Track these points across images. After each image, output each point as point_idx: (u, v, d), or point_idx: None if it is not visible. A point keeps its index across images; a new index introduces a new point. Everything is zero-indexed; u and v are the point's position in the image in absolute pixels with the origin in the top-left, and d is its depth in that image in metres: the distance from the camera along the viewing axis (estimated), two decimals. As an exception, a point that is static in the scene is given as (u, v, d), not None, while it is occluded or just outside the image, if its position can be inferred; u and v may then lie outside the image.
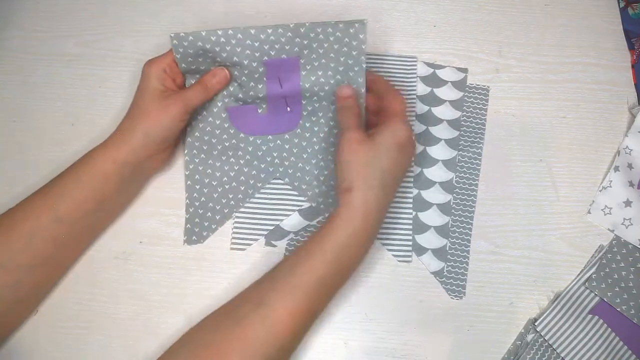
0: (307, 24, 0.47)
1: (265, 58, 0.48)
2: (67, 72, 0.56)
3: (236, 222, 0.51)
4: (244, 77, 0.49)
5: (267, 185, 0.52)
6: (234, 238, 0.50)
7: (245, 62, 0.48)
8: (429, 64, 0.57)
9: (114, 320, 0.48)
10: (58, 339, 0.47)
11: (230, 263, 0.50)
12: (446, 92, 0.56)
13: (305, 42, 0.48)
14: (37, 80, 0.56)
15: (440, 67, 0.57)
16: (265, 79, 0.49)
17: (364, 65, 0.48)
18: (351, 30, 0.47)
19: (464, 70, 0.57)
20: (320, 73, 0.50)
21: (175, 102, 0.46)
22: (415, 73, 0.56)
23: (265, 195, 0.52)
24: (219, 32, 0.46)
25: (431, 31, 0.59)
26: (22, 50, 0.57)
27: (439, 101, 0.56)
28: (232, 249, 0.50)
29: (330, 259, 0.40)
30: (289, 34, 0.47)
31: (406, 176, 0.52)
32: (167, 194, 0.52)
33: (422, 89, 0.56)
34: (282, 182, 0.52)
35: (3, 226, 0.43)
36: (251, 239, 0.50)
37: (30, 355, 0.46)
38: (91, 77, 0.56)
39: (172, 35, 0.47)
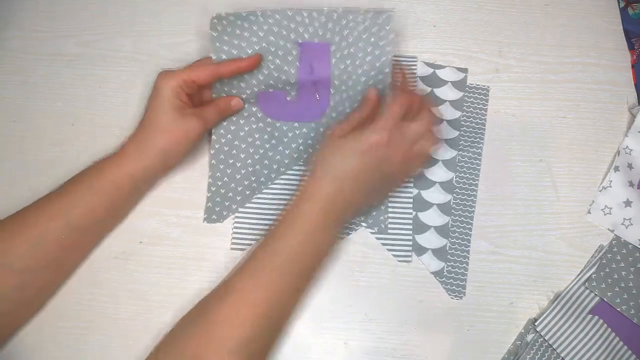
0: (340, 10, 0.50)
1: (300, 40, 0.50)
2: (67, 72, 0.56)
3: (236, 223, 0.51)
4: (277, 60, 0.51)
5: (282, 177, 0.52)
6: (234, 238, 0.50)
7: (281, 43, 0.50)
8: (428, 64, 0.57)
9: (114, 320, 0.48)
10: (58, 339, 0.47)
11: (230, 263, 0.49)
12: (446, 92, 0.56)
13: (337, 29, 0.50)
14: (37, 80, 0.56)
15: (440, 67, 0.57)
16: (297, 63, 0.51)
17: (391, 57, 0.49)
18: (379, 21, 0.49)
19: (464, 70, 0.57)
20: (349, 62, 0.51)
21: (195, 120, 0.46)
22: (415, 73, 0.56)
23: (265, 195, 0.52)
24: (258, 13, 0.50)
25: (431, 31, 0.59)
26: (22, 50, 0.57)
27: (439, 101, 0.56)
28: (232, 249, 0.50)
29: (292, 242, 0.42)
30: (323, 18, 0.50)
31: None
32: (167, 194, 0.52)
33: (422, 89, 0.56)
34: (282, 182, 0.52)
35: (15, 226, 0.43)
36: (251, 239, 0.50)
37: (30, 355, 0.46)
38: (91, 77, 0.56)
39: (214, 15, 0.49)
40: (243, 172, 0.52)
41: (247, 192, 0.51)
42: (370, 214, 0.51)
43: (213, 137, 0.52)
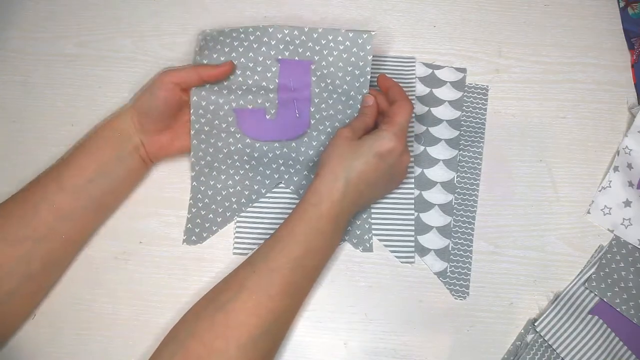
0: (320, 30, 0.51)
1: (280, 57, 0.50)
2: (67, 72, 0.56)
3: (238, 228, 0.51)
4: (256, 76, 0.51)
5: (270, 192, 0.52)
6: (236, 243, 0.50)
7: (261, 59, 0.51)
8: (427, 65, 0.57)
9: (114, 320, 0.48)
10: (58, 340, 0.47)
11: (230, 263, 0.50)
12: (445, 93, 0.56)
13: (317, 48, 0.51)
14: (37, 81, 0.56)
15: (439, 67, 0.57)
16: (277, 80, 0.51)
17: (369, 77, 0.50)
18: (359, 41, 0.50)
19: (463, 71, 0.57)
20: (329, 81, 0.51)
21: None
22: (413, 74, 0.56)
23: (268, 200, 0.52)
24: (240, 29, 0.51)
25: (431, 31, 0.59)
26: (22, 50, 0.57)
27: (439, 101, 0.56)
28: (234, 254, 0.50)
29: (301, 240, 0.43)
30: (303, 37, 0.51)
31: (407, 177, 0.52)
32: (167, 194, 0.52)
33: (421, 89, 0.56)
34: (282, 187, 0.52)
35: (18, 201, 0.45)
36: (254, 244, 0.50)
37: (30, 356, 0.46)
38: (91, 77, 0.56)
39: (200, 32, 0.53)
40: (224, 193, 0.51)
41: (228, 214, 0.51)
42: (355, 232, 0.51)
43: (192, 159, 0.51)
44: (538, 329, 0.48)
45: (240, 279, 0.42)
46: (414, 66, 0.57)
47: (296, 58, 0.51)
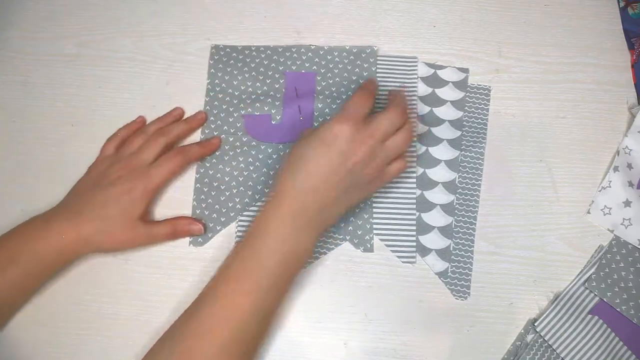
0: (326, 47, 0.56)
1: (287, 71, 0.55)
2: (67, 72, 0.56)
3: (240, 225, 0.51)
4: (265, 87, 0.55)
5: None
6: (237, 241, 0.50)
7: (270, 73, 0.56)
8: (429, 65, 0.57)
9: (114, 320, 0.48)
10: (58, 340, 0.47)
11: (230, 263, 0.50)
12: (447, 93, 0.56)
13: (323, 63, 0.56)
14: (37, 81, 0.56)
15: (441, 67, 0.57)
16: (284, 89, 0.55)
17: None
18: (363, 55, 0.56)
19: (465, 71, 0.57)
20: (333, 89, 0.55)
21: (143, 237, 0.48)
22: (416, 73, 0.56)
23: None
24: (252, 47, 0.57)
25: (431, 31, 0.59)
26: (22, 50, 0.57)
27: (441, 102, 0.56)
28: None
29: (260, 247, 0.42)
30: (310, 54, 0.56)
31: (408, 177, 0.52)
32: (167, 194, 0.52)
33: (423, 89, 0.56)
34: None
35: None
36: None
37: (30, 356, 0.46)
38: (91, 77, 0.56)
39: (213, 45, 0.57)
40: (227, 194, 0.52)
41: (232, 214, 0.51)
42: (356, 232, 0.51)
43: (198, 162, 0.53)
44: (538, 329, 0.48)
45: (217, 288, 0.42)
46: (416, 66, 0.57)
47: (303, 71, 0.55)
